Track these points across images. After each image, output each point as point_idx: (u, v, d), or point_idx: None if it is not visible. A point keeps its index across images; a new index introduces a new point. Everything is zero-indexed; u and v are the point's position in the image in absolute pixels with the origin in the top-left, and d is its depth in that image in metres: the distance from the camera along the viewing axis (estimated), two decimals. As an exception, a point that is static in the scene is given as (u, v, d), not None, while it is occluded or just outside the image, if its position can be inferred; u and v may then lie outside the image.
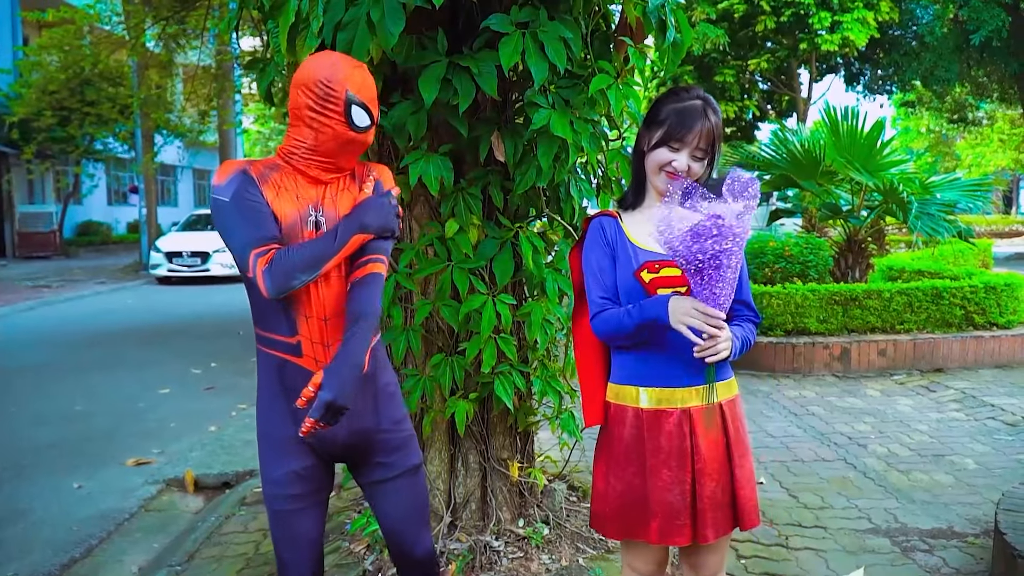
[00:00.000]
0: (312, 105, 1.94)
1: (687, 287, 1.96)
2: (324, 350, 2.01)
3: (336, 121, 1.95)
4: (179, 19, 12.21)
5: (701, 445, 2.00)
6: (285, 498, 2.05)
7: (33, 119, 18.40)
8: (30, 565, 3.63)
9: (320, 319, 1.99)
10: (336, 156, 2.01)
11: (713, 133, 1.98)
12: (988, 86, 23.25)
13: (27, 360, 8.37)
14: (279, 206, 1.96)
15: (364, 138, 2.01)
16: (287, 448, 2.05)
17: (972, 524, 3.76)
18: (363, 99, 1.97)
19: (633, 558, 2.15)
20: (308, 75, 1.94)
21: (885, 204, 7.97)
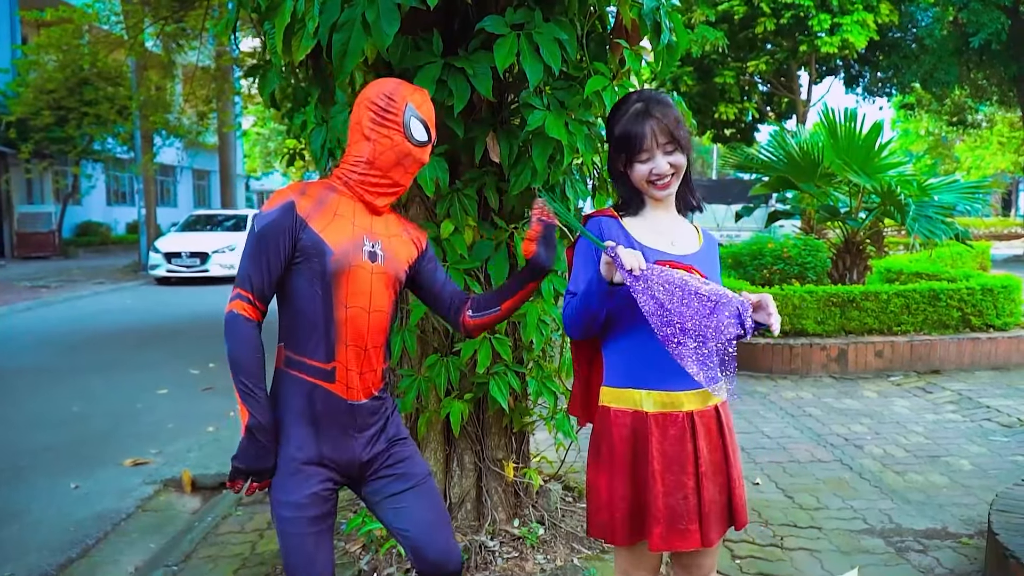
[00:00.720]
0: (374, 117, 2.02)
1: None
2: (358, 377, 2.04)
3: (395, 131, 2.02)
4: (177, 19, 12.23)
5: (703, 448, 1.99)
6: (306, 521, 2.02)
7: (31, 119, 18.40)
8: (27, 566, 3.63)
9: (359, 348, 2.03)
10: (392, 170, 2.05)
11: (667, 125, 1.99)
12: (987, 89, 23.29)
13: (25, 361, 8.38)
14: (331, 234, 1.99)
15: (420, 154, 2.08)
16: (311, 470, 2.04)
17: (966, 525, 3.77)
18: (423, 114, 2.06)
19: (628, 564, 2.12)
20: (372, 91, 2.05)
21: (883, 206, 7.98)
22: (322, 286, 1.98)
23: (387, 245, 2.08)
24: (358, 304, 2.00)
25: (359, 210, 2.06)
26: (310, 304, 1.99)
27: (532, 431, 3.56)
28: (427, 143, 2.08)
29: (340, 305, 1.99)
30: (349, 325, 2.00)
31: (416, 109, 2.04)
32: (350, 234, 2.01)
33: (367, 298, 2.02)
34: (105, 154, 22.09)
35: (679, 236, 2.08)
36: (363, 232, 2.04)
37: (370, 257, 2.03)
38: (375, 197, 2.06)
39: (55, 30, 17.63)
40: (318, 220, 1.98)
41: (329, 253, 1.97)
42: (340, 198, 2.04)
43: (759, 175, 9.28)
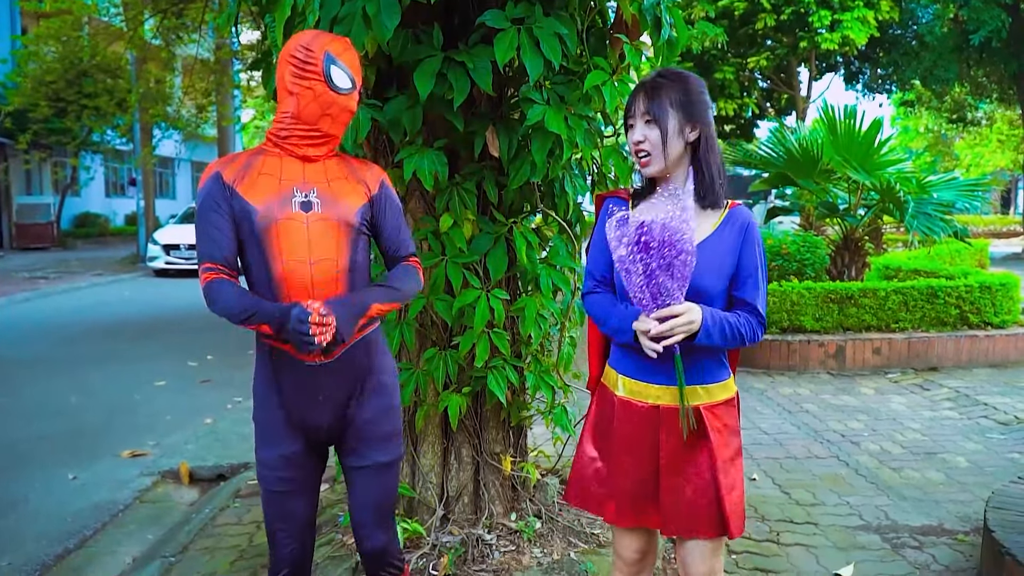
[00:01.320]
0: (294, 71, 2.00)
1: None
2: None
3: (315, 81, 1.99)
4: (177, 12, 12.20)
5: (668, 442, 2.00)
6: (275, 479, 2.12)
7: (29, 110, 18.37)
8: (24, 556, 3.64)
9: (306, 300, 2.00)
10: (319, 121, 2.03)
11: (655, 94, 1.96)
12: (987, 86, 23.28)
13: (22, 352, 8.38)
14: (255, 194, 2.00)
15: (345, 101, 2.04)
16: (277, 433, 2.11)
17: (962, 521, 3.78)
18: (343, 62, 2.03)
19: (616, 543, 2.19)
20: (291, 45, 2.03)
21: (882, 203, 7.99)
22: (256, 246, 2.01)
23: (325, 191, 2.06)
24: (295, 257, 2.00)
25: (288, 164, 2.06)
26: (254, 266, 2.03)
27: (530, 425, 3.57)
28: (351, 90, 2.05)
29: (276, 261, 2.00)
30: (289, 279, 2.00)
31: (336, 57, 2.02)
32: (275, 189, 2.02)
33: (305, 249, 2.01)
34: (104, 146, 22.07)
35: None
36: (292, 184, 2.03)
37: (303, 207, 2.02)
38: (306, 149, 2.06)
39: (54, 21, 17.61)
40: (243, 184, 2.02)
41: (254, 212, 1.99)
42: (266, 159, 2.06)
43: (758, 171, 9.29)
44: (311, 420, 2.10)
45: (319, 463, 2.22)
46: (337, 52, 2.03)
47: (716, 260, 1.97)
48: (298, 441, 2.12)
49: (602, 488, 2.09)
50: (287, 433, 2.11)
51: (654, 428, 2.01)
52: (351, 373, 2.12)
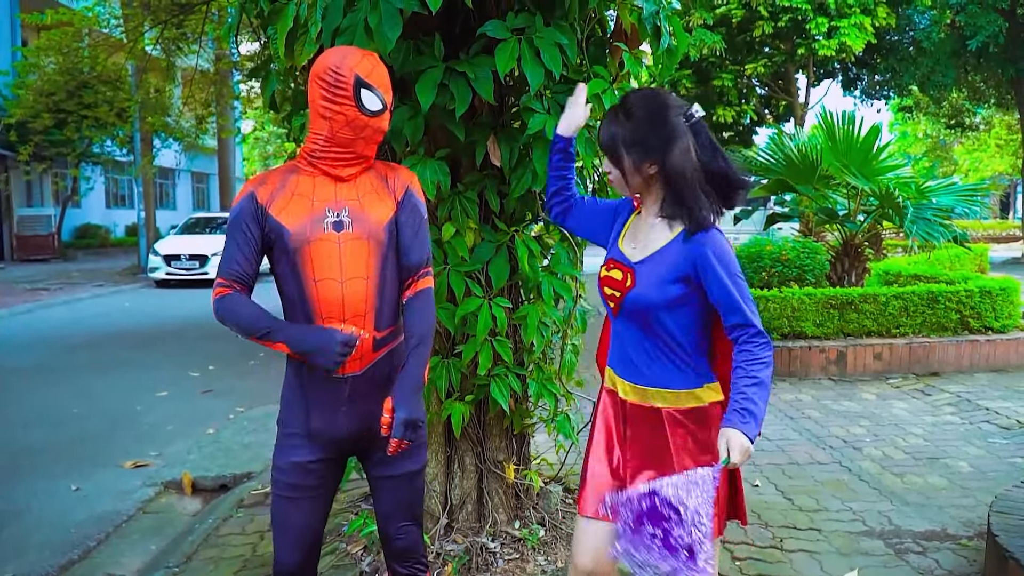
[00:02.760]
0: (324, 94, 2.00)
1: (620, 292, 2.04)
2: None
3: (347, 106, 2.00)
4: (177, 23, 12.24)
5: (628, 434, 2.11)
6: (285, 486, 2.14)
7: (30, 121, 18.41)
8: (27, 566, 3.64)
9: (339, 320, 2.05)
10: (352, 144, 2.05)
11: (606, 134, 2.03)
12: (985, 91, 23.36)
13: (24, 362, 8.38)
14: (287, 215, 2.03)
15: (378, 123, 2.06)
16: (298, 441, 2.14)
17: (965, 526, 3.79)
18: (372, 83, 2.02)
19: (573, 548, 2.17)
20: (320, 66, 2.02)
21: (881, 209, 8.01)
22: (289, 265, 2.04)
23: (357, 210, 2.07)
24: (327, 276, 2.03)
25: (321, 184, 2.07)
26: (287, 285, 2.08)
27: (532, 433, 3.57)
28: (383, 111, 2.05)
29: (309, 280, 2.03)
30: (321, 299, 2.04)
31: (366, 78, 2.01)
32: (308, 210, 2.04)
33: (337, 269, 2.04)
34: (104, 156, 22.10)
35: (644, 237, 2.07)
36: (325, 204, 2.05)
37: (335, 227, 2.05)
38: (341, 169, 2.08)
39: (55, 33, 17.65)
40: (276, 204, 2.04)
41: (287, 234, 2.03)
42: (299, 178, 2.08)
43: (757, 178, 9.30)
44: (336, 430, 2.12)
45: (334, 476, 2.23)
46: (366, 73, 2.02)
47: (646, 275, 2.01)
48: (316, 451, 2.14)
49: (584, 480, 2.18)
50: (306, 442, 2.13)
51: (620, 419, 2.13)
52: (379, 384, 2.14)
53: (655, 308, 2.00)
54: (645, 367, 2.06)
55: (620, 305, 2.05)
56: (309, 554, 2.21)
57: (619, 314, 2.08)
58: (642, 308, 2.01)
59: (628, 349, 2.08)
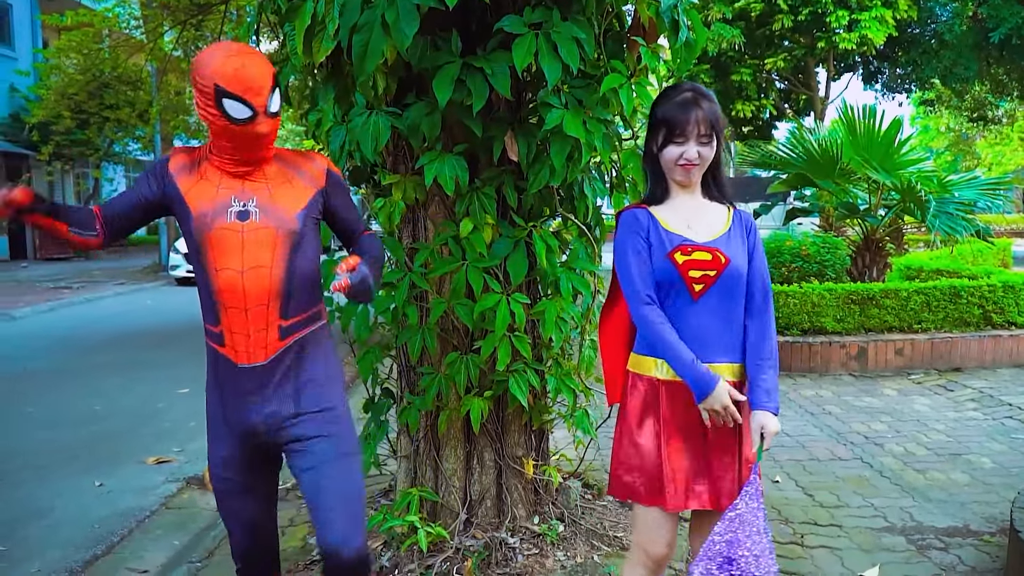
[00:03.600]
0: (199, 100, 1.97)
1: (716, 270, 2.09)
2: (245, 339, 2.05)
3: (215, 115, 1.95)
4: (196, 23, 12.32)
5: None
6: (219, 478, 2.20)
7: (52, 122, 18.58)
8: (52, 562, 3.68)
9: (241, 310, 2.04)
10: (236, 151, 2.02)
11: (709, 117, 2.10)
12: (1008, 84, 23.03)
13: (47, 360, 8.48)
14: (193, 196, 2.04)
15: (252, 129, 1.96)
16: (218, 434, 2.17)
17: (988, 522, 3.75)
18: (235, 90, 1.91)
19: (647, 538, 2.22)
20: (192, 71, 1.97)
21: (903, 203, 7.94)
22: (195, 252, 2.06)
23: (266, 199, 2.05)
24: (228, 266, 2.02)
25: (220, 172, 2.07)
26: (198, 272, 2.10)
27: (551, 429, 3.57)
28: (252, 117, 1.95)
29: (211, 268, 2.04)
30: (223, 288, 2.04)
31: (226, 86, 1.90)
32: (212, 196, 2.03)
33: (238, 259, 2.02)
34: (125, 156, 22.28)
35: (700, 220, 2.17)
36: (230, 193, 2.04)
37: (239, 216, 2.03)
38: (234, 167, 2.06)
39: (75, 34, 17.80)
40: (185, 179, 2.05)
41: (190, 217, 2.03)
42: (208, 164, 2.08)
43: (777, 172, 9.25)
44: (247, 422, 2.11)
45: (263, 470, 2.22)
46: (227, 80, 1.90)
47: (732, 251, 2.13)
48: (235, 443, 2.15)
49: (653, 476, 2.14)
50: (225, 433, 2.16)
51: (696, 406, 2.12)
52: (288, 373, 2.10)
53: (743, 279, 2.15)
54: (724, 346, 2.15)
55: (714, 283, 2.11)
56: (259, 543, 2.26)
57: (706, 295, 2.12)
58: (738, 280, 2.13)
59: (707, 332, 2.12)
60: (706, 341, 2.12)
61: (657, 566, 2.24)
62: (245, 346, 2.05)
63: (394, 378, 3.50)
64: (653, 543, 2.21)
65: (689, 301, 2.12)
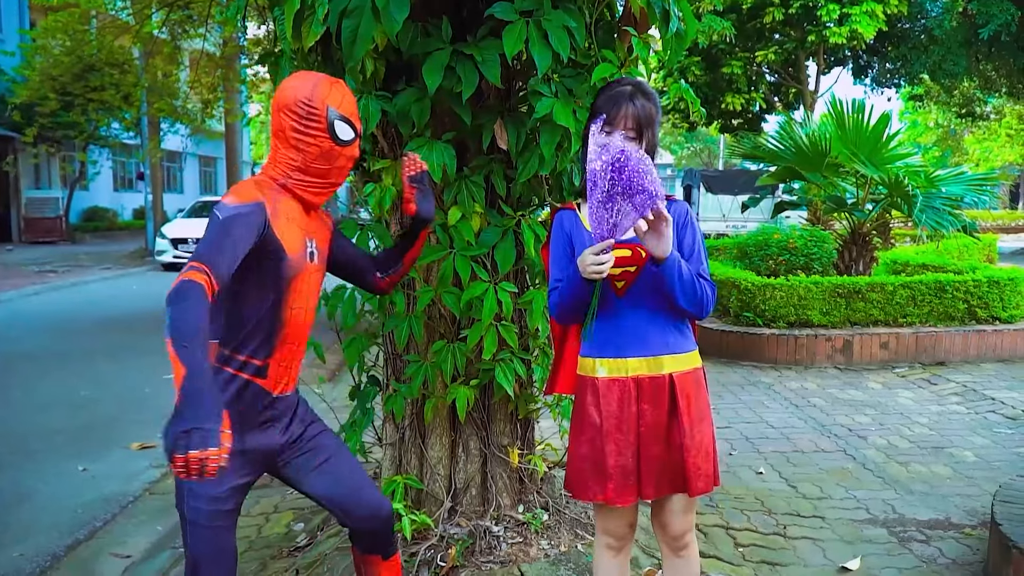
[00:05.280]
0: (296, 126, 1.99)
1: (635, 266, 2.12)
2: (287, 372, 2.12)
3: (321, 138, 2.00)
4: (183, 5, 12.21)
5: (646, 411, 2.15)
6: (223, 514, 2.03)
7: (37, 103, 18.40)
8: (35, 546, 3.67)
9: (295, 345, 2.11)
10: (327, 175, 2.07)
11: (640, 114, 2.10)
12: (997, 80, 23.14)
13: (32, 345, 8.42)
14: (287, 239, 2.00)
15: (351, 151, 2.08)
16: (234, 463, 2.01)
17: (969, 515, 3.78)
18: (345, 112, 2.04)
19: (606, 522, 2.31)
20: (289, 97, 1.99)
21: (890, 197, 7.97)
22: (274, 289, 2.00)
23: (319, 241, 2.15)
24: (300, 305, 2.08)
25: (297, 210, 2.07)
26: (257, 305, 1.99)
27: (537, 418, 3.58)
28: (354, 139, 2.08)
29: (287, 307, 2.04)
30: (291, 325, 2.06)
31: (337, 109, 2.02)
32: (299, 238, 2.05)
33: (306, 297, 2.10)
34: (111, 140, 22.11)
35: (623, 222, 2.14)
36: (304, 234, 2.08)
37: (310, 258, 2.09)
38: (314, 196, 2.09)
39: (62, 15, 17.60)
40: (277, 223, 1.98)
41: (286, 259, 1.99)
42: (286, 200, 2.04)
43: (766, 165, 9.27)
44: (266, 441, 2.11)
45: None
46: (337, 103, 2.02)
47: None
48: (250, 469, 2.10)
49: (598, 473, 2.19)
50: (240, 462, 2.04)
51: (634, 400, 2.16)
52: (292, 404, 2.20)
53: None
54: (658, 336, 2.16)
55: (635, 279, 2.13)
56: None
57: (629, 291, 2.15)
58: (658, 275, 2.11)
59: (636, 325, 2.15)
60: (631, 337, 2.15)
61: (620, 543, 2.32)
62: (285, 378, 2.11)
63: (380, 366, 3.50)
64: (611, 526, 2.30)
65: (614, 298, 2.16)
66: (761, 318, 7.23)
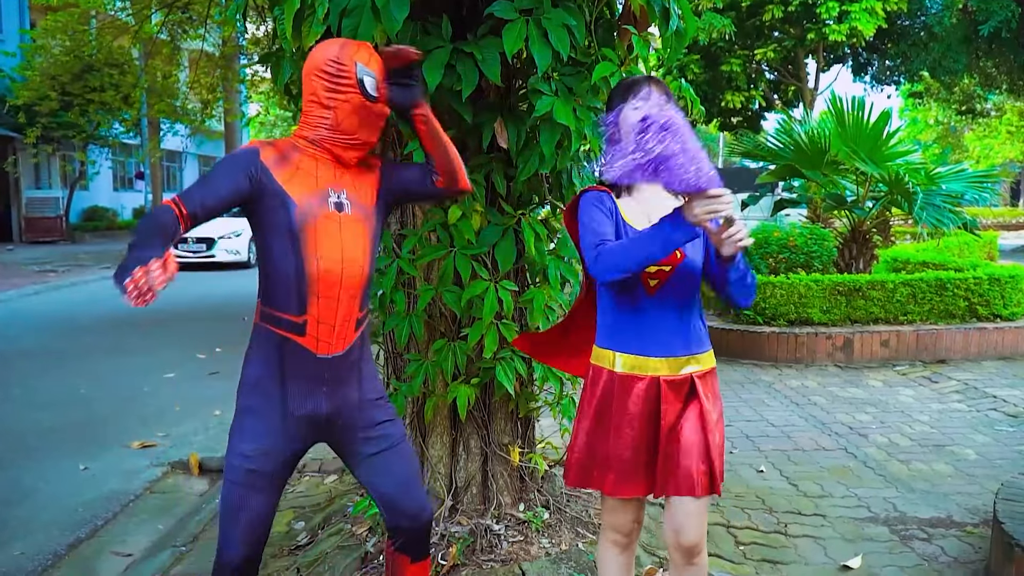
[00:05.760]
0: (328, 84, 2.06)
1: (671, 266, 2.11)
2: (330, 330, 2.07)
3: (352, 93, 2.06)
4: (183, 6, 12.20)
5: (667, 411, 2.13)
6: (243, 472, 2.08)
7: (37, 104, 18.39)
8: (36, 545, 3.67)
9: (332, 299, 2.06)
10: (358, 130, 2.11)
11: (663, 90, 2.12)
12: (997, 77, 23.12)
13: (33, 343, 8.42)
14: (294, 187, 2.04)
15: (380, 108, 2.12)
16: (269, 426, 2.09)
17: (971, 514, 3.78)
18: (374, 69, 2.10)
19: (613, 516, 2.30)
20: (319, 59, 2.07)
21: (890, 195, 7.96)
22: (291, 240, 2.03)
23: (353, 193, 2.13)
24: (329, 255, 2.05)
25: (323, 164, 2.11)
26: (282, 259, 2.04)
27: (537, 417, 3.58)
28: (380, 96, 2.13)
29: (311, 257, 2.03)
30: (321, 277, 2.04)
31: (366, 66, 2.08)
32: (313, 186, 2.07)
33: (339, 249, 2.06)
34: (111, 140, 22.10)
35: (659, 213, 2.09)
36: (327, 184, 2.09)
37: (336, 207, 2.08)
38: (344, 151, 2.12)
39: (62, 15, 17.60)
40: (281, 172, 2.04)
41: (293, 206, 2.03)
42: (302, 156, 2.10)
43: (765, 163, 9.26)
44: (318, 411, 2.11)
45: (291, 467, 2.20)
46: (365, 61, 2.09)
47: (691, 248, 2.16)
48: (289, 436, 2.11)
49: (599, 463, 2.19)
50: (280, 426, 2.09)
51: (654, 399, 2.14)
52: (353, 365, 2.16)
53: (699, 272, 2.16)
54: (682, 336, 2.16)
55: (668, 279, 2.12)
56: (256, 548, 2.13)
57: (659, 291, 2.13)
58: (692, 275, 2.14)
59: (662, 324, 2.14)
60: (654, 335, 2.14)
61: (626, 539, 2.32)
62: (328, 337, 2.07)
63: (381, 364, 3.49)
64: (618, 521, 2.30)
65: (643, 295, 2.14)
66: (761, 316, 7.23)
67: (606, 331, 2.21)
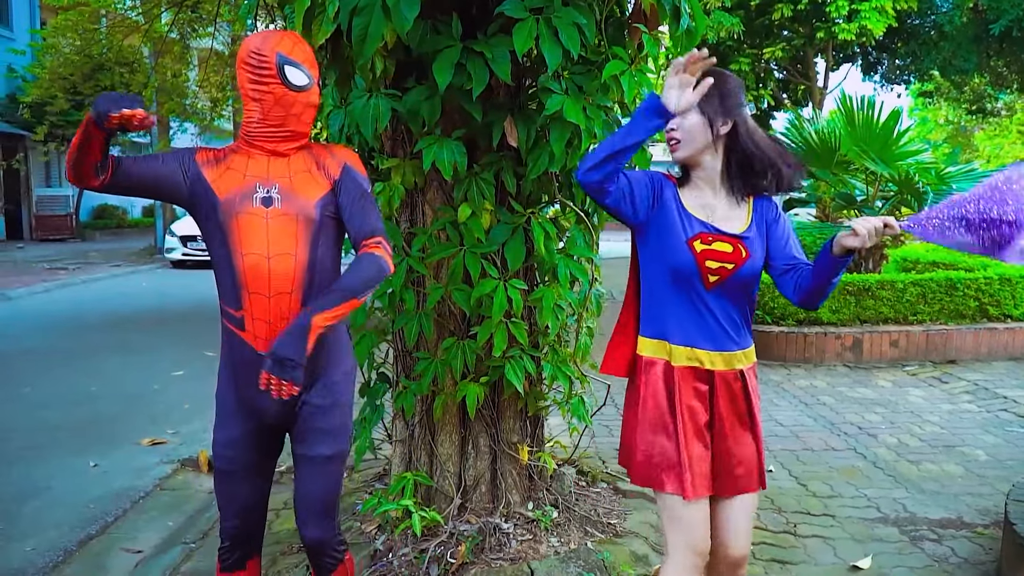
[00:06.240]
0: (251, 77, 2.05)
1: (734, 263, 2.07)
2: (266, 327, 2.09)
3: (273, 84, 2.05)
4: (192, 5, 12.22)
5: (721, 406, 2.11)
6: (223, 459, 2.22)
7: (47, 102, 18.46)
8: (47, 541, 3.69)
9: (264, 296, 2.07)
10: (285, 122, 2.10)
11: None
12: (1008, 77, 22.98)
13: (43, 341, 8.46)
14: (220, 184, 2.10)
15: (306, 98, 2.10)
16: (228, 414, 2.20)
17: (981, 515, 3.77)
18: (297, 59, 2.08)
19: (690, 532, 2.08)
20: (243, 52, 2.07)
21: (900, 194, 7.93)
22: (220, 235, 2.08)
23: (287, 186, 2.11)
24: (254, 251, 2.07)
25: (255, 161, 2.12)
26: (218, 254, 2.11)
27: (546, 415, 3.58)
28: (308, 85, 2.10)
29: (237, 253, 2.07)
30: (248, 272, 2.07)
31: (288, 55, 2.06)
32: (239, 183, 2.09)
33: (264, 244, 2.07)
34: (122, 139, 22.16)
35: (720, 212, 2.11)
36: (255, 180, 2.10)
37: (263, 203, 2.09)
38: (277, 145, 2.12)
39: (72, 14, 17.63)
40: (211, 171, 2.11)
41: (217, 203, 2.07)
42: (235, 156, 2.14)
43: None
44: (259, 402, 2.16)
45: (269, 451, 2.27)
46: (288, 50, 2.06)
47: (756, 247, 2.11)
48: (246, 424, 2.19)
49: (667, 462, 2.08)
50: (236, 414, 2.19)
51: (705, 394, 2.12)
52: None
53: (759, 272, 2.13)
54: (733, 332, 2.13)
55: (729, 277, 2.08)
56: (249, 525, 2.28)
57: (718, 286, 2.09)
58: (753, 277, 2.11)
59: (716, 319, 2.11)
60: (710, 330, 2.10)
61: (704, 560, 2.12)
62: (265, 333, 2.08)
63: (390, 363, 3.50)
64: (696, 537, 2.09)
65: (701, 289, 2.09)
66: (770, 315, 7.21)
67: (659, 322, 2.14)
